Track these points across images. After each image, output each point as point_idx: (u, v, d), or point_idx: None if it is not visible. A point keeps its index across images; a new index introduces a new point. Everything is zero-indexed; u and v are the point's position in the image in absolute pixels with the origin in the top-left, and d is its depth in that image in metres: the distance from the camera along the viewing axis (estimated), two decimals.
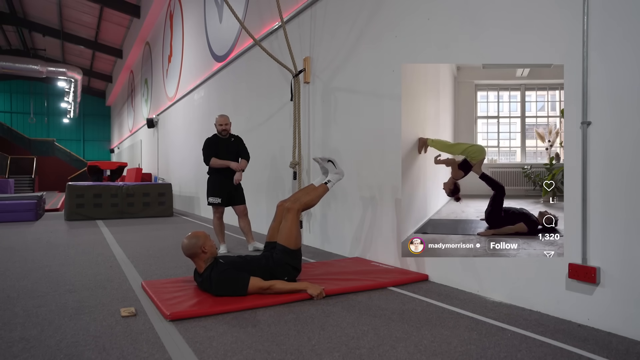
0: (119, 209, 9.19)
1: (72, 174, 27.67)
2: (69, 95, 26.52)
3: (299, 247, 3.31)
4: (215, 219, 5.01)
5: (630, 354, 2.08)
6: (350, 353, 2.09)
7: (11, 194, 13.16)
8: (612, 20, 2.35)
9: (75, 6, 17.23)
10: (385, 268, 3.82)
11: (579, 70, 2.48)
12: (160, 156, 14.11)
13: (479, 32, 3.13)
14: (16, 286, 3.43)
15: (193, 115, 10.35)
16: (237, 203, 5.00)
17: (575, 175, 2.51)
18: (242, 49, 7.25)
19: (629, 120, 2.28)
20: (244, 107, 7.37)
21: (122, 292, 3.24)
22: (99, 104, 32.81)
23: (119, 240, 5.87)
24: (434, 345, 2.18)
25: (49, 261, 4.44)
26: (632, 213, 2.27)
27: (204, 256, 3.03)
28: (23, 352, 2.12)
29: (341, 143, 4.75)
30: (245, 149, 5.09)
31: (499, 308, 2.79)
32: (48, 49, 23.43)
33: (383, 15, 4.07)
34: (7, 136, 27.78)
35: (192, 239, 3.02)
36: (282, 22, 5.15)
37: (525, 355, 2.06)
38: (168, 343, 2.23)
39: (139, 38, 16.25)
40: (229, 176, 4.94)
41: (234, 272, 2.97)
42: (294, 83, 5.37)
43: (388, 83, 4.00)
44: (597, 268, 2.40)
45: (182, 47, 11.34)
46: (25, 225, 7.99)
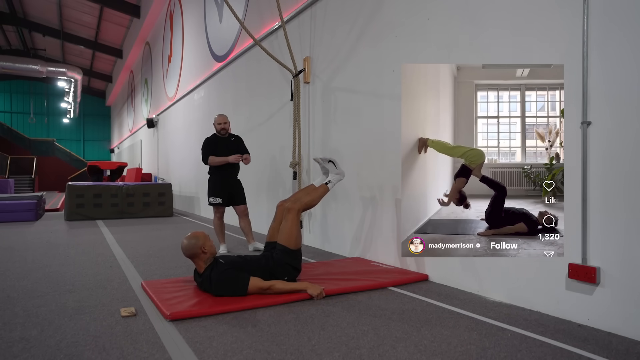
0: (119, 209, 9.19)
1: (72, 174, 27.68)
2: (69, 95, 26.53)
3: (299, 247, 3.31)
4: (215, 219, 5.01)
5: (630, 354, 2.08)
6: (350, 353, 2.09)
7: (11, 194, 13.16)
8: (612, 21, 2.35)
9: (75, 6, 17.23)
10: (385, 268, 3.82)
11: (579, 70, 2.49)
12: (160, 156, 14.11)
13: (479, 32, 3.13)
14: (16, 286, 3.43)
15: (193, 116, 10.35)
16: (238, 203, 5.00)
17: (575, 175, 2.51)
18: (242, 49, 7.25)
19: (629, 120, 2.28)
20: (244, 107, 7.37)
21: (122, 292, 3.24)
22: (99, 104, 32.81)
23: (119, 240, 5.87)
24: (434, 345, 2.18)
25: (49, 261, 4.44)
26: (632, 213, 2.27)
27: (203, 256, 3.03)
28: (23, 352, 2.12)
29: (341, 143, 4.75)
30: (245, 148, 5.10)
31: (499, 308, 2.79)
32: (48, 49, 23.43)
33: (383, 15, 4.07)
34: (7, 136, 27.78)
35: (191, 239, 3.02)
36: (282, 22, 5.15)
37: (525, 355, 2.06)
38: (168, 343, 2.23)
39: (139, 38, 16.25)
40: (230, 176, 4.94)
41: (234, 272, 2.97)
42: (294, 83, 5.37)
43: (388, 83, 4.00)
44: (597, 268, 2.40)
45: (182, 47, 11.34)
46: (25, 225, 7.99)
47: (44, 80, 27.74)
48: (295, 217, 3.33)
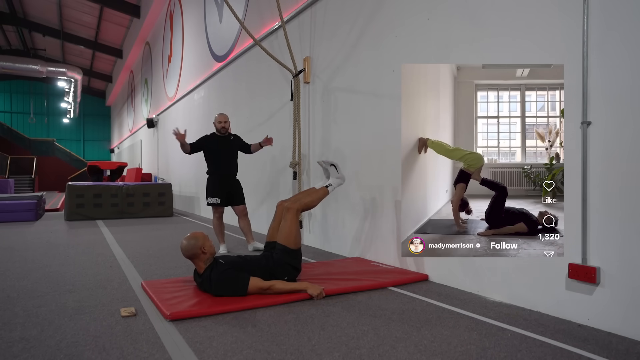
0: (119, 209, 9.19)
1: (72, 174, 27.67)
2: (69, 95, 26.52)
3: (299, 247, 3.31)
4: (214, 219, 5.00)
5: (630, 354, 2.08)
6: (350, 353, 2.09)
7: (11, 194, 13.16)
8: (612, 21, 2.35)
9: (75, 6, 17.23)
10: (385, 268, 3.82)
11: (579, 70, 2.49)
12: (160, 156, 14.11)
13: (479, 32, 3.13)
14: (16, 286, 3.43)
15: (193, 115, 10.35)
16: (237, 203, 5.00)
17: (575, 175, 2.51)
18: (242, 49, 7.25)
19: (629, 120, 2.28)
20: (244, 107, 7.36)
21: (122, 292, 3.24)
22: (99, 104, 32.81)
23: (119, 240, 5.87)
24: (434, 345, 2.18)
25: (49, 261, 4.44)
26: (632, 213, 2.27)
27: (203, 257, 3.03)
28: (23, 352, 2.12)
29: (341, 143, 4.75)
30: (246, 143, 5.13)
31: (499, 308, 2.79)
32: (48, 49, 23.43)
33: (383, 15, 4.07)
34: (7, 136, 27.78)
35: (190, 240, 3.02)
36: (282, 22, 5.15)
37: (525, 355, 2.06)
38: (168, 343, 2.23)
39: (139, 38, 16.25)
40: (229, 176, 4.94)
41: (234, 272, 2.97)
42: (294, 83, 5.37)
43: (388, 83, 4.00)
44: (597, 268, 2.40)
45: (182, 47, 11.34)
46: (25, 225, 7.99)
47: (44, 80, 27.73)
48: (294, 217, 3.33)
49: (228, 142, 4.99)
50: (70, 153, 30.65)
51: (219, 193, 4.88)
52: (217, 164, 4.92)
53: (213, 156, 4.93)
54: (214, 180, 4.92)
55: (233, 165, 5.01)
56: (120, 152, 25.04)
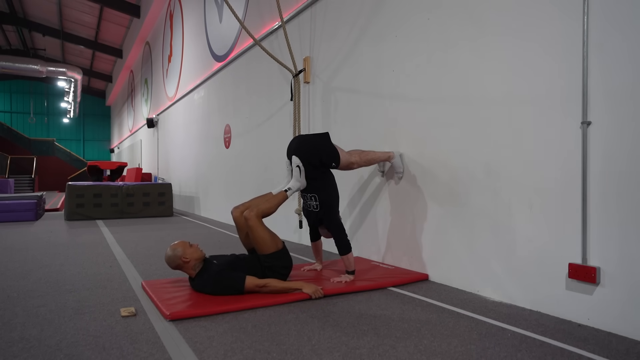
0: (119, 209, 9.20)
1: (72, 173, 27.71)
2: (69, 95, 26.53)
3: (280, 246, 3.25)
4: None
5: (630, 354, 2.07)
6: (350, 353, 2.09)
7: (11, 193, 13.16)
8: (612, 21, 2.35)
9: (75, 6, 17.24)
10: (385, 268, 3.82)
11: (579, 70, 2.48)
12: (160, 156, 14.11)
13: (479, 32, 3.13)
14: (16, 286, 3.43)
15: (193, 115, 10.35)
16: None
17: (575, 175, 2.51)
18: (242, 49, 7.25)
19: (629, 120, 2.28)
20: (244, 107, 7.36)
21: (122, 292, 3.24)
22: (99, 104, 32.83)
23: (119, 240, 5.87)
24: (434, 345, 2.18)
25: (49, 261, 4.44)
26: (632, 213, 2.27)
27: (188, 265, 3.04)
28: (23, 352, 2.12)
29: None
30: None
31: (499, 308, 2.79)
32: (48, 49, 23.44)
33: (383, 15, 4.07)
34: (7, 136, 27.80)
35: (169, 253, 3.05)
36: (282, 22, 5.14)
37: (525, 355, 2.06)
38: (168, 343, 2.23)
39: (139, 38, 16.25)
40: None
41: (228, 272, 2.99)
42: (294, 83, 5.37)
43: (388, 83, 4.00)
44: (597, 268, 2.40)
45: (182, 47, 11.34)
46: (25, 225, 7.99)
47: (44, 80, 27.77)
48: (258, 225, 3.19)
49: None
50: (70, 153, 30.67)
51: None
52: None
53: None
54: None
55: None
56: (120, 152, 25.05)
